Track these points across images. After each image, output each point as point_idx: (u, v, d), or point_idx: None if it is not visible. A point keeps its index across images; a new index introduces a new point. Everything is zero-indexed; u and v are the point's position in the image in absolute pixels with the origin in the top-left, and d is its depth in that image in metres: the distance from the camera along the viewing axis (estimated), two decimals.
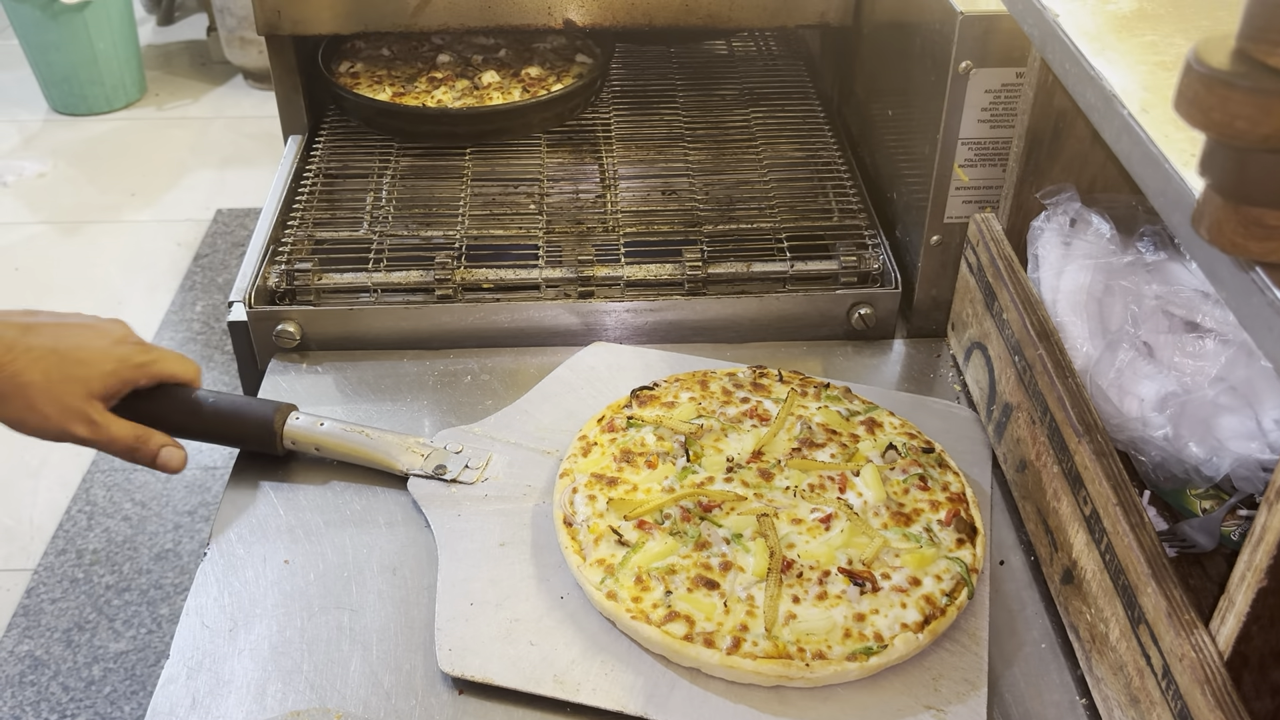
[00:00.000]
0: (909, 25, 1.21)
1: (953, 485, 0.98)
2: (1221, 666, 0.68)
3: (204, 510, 2.34)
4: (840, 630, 0.86)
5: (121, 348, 1.00)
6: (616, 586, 0.89)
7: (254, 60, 3.82)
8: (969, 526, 0.94)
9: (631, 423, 1.04)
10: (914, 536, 0.93)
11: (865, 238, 1.26)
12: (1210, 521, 0.90)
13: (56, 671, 2.02)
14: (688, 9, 1.40)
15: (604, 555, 0.92)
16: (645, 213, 1.32)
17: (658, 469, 0.99)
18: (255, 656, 0.88)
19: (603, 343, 1.19)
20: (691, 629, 0.86)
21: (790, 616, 0.87)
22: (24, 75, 3.82)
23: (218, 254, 3.13)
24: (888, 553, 0.91)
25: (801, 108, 1.52)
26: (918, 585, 0.89)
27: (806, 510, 0.95)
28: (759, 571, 0.89)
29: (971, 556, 0.92)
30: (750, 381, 1.09)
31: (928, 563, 0.91)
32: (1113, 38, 0.77)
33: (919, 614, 0.87)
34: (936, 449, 1.02)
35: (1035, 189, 1.04)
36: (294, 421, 1.03)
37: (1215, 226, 0.53)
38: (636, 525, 0.94)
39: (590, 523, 0.94)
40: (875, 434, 1.03)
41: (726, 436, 1.03)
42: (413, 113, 1.43)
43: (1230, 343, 0.90)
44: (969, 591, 0.89)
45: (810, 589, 0.89)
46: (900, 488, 0.97)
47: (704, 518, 0.94)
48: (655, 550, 0.91)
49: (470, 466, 1.03)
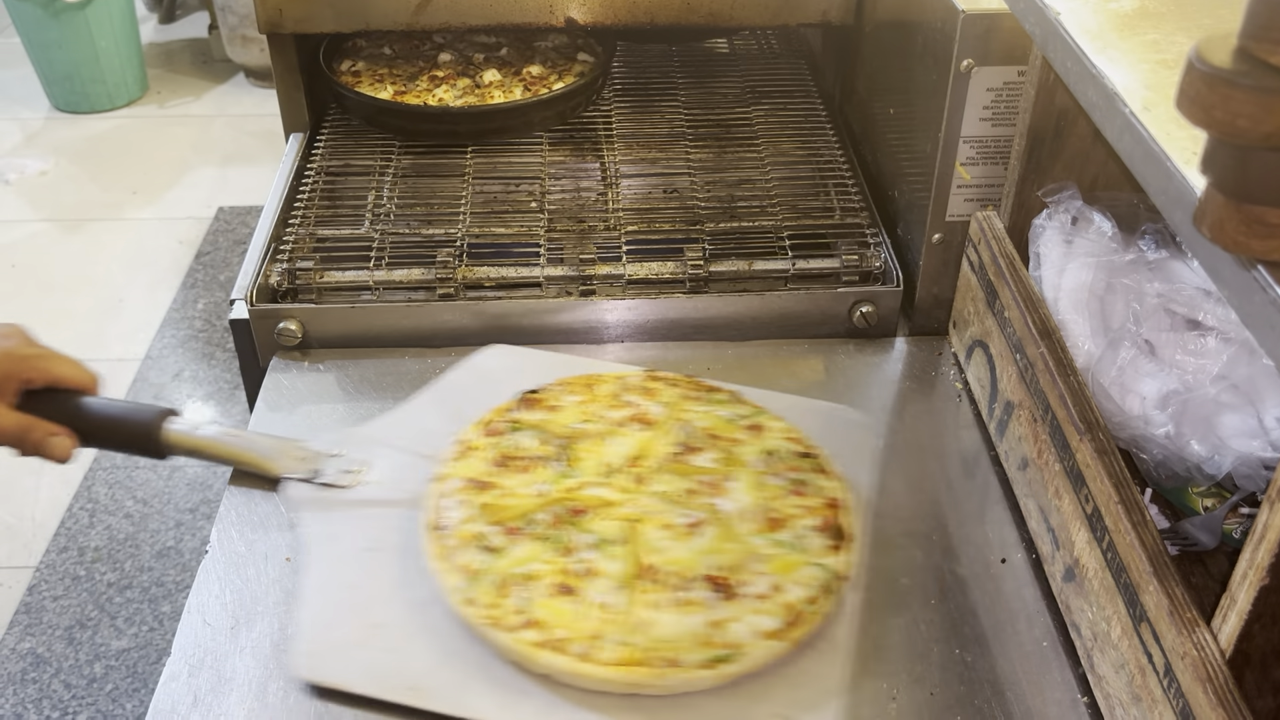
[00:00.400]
0: (910, 24, 1.21)
1: (829, 490, 0.97)
2: (1223, 665, 0.68)
3: (206, 508, 2.34)
4: (696, 637, 0.84)
5: (6, 343, 1.00)
6: (475, 593, 0.87)
7: (256, 58, 3.82)
8: (840, 532, 0.93)
9: (514, 426, 1.03)
10: (782, 543, 0.92)
11: (867, 236, 1.26)
12: (1212, 519, 0.90)
13: (58, 669, 2.02)
14: (689, 8, 1.40)
15: (468, 561, 0.90)
16: (647, 211, 1.32)
17: (533, 473, 0.98)
18: (257, 654, 0.88)
19: (501, 345, 1.17)
20: (546, 635, 0.84)
21: (647, 623, 0.85)
22: (25, 73, 3.82)
23: (219, 252, 3.13)
24: (754, 559, 0.90)
25: (803, 106, 1.52)
26: (780, 592, 0.87)
27: (677, 515, 0.94)
28: (620, 578, 0.88)
29: (841, 562, 0.90)
30: (640, 385, 1.08)
31: (792, 569, 0.89)
32: (1114, 36, 0.77)
33: (778, 621, 0.85)
34: (818, 454, 1.01)
35: (1037, 187, 1.04)
36: (172, 426, 1.01)
37: (1217, 225, 0.53)
38: (505, 531, 0.92)
39: (458, 528, 0.93)
40: (759, 437, 1.02)
41: (606, 441, 1.01)
42: (414, 111, 1.43)
43: (1232, 341, 0.90)
44: (833, 599, 0.88)
45: (670, 595, 0.87)
46: (775, 493, 0.96)
47: (572, 523, 0.93)
48: (519, 556, 0.90)
49: (348, 470, 1.01)
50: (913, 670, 0.87)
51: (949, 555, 0.97)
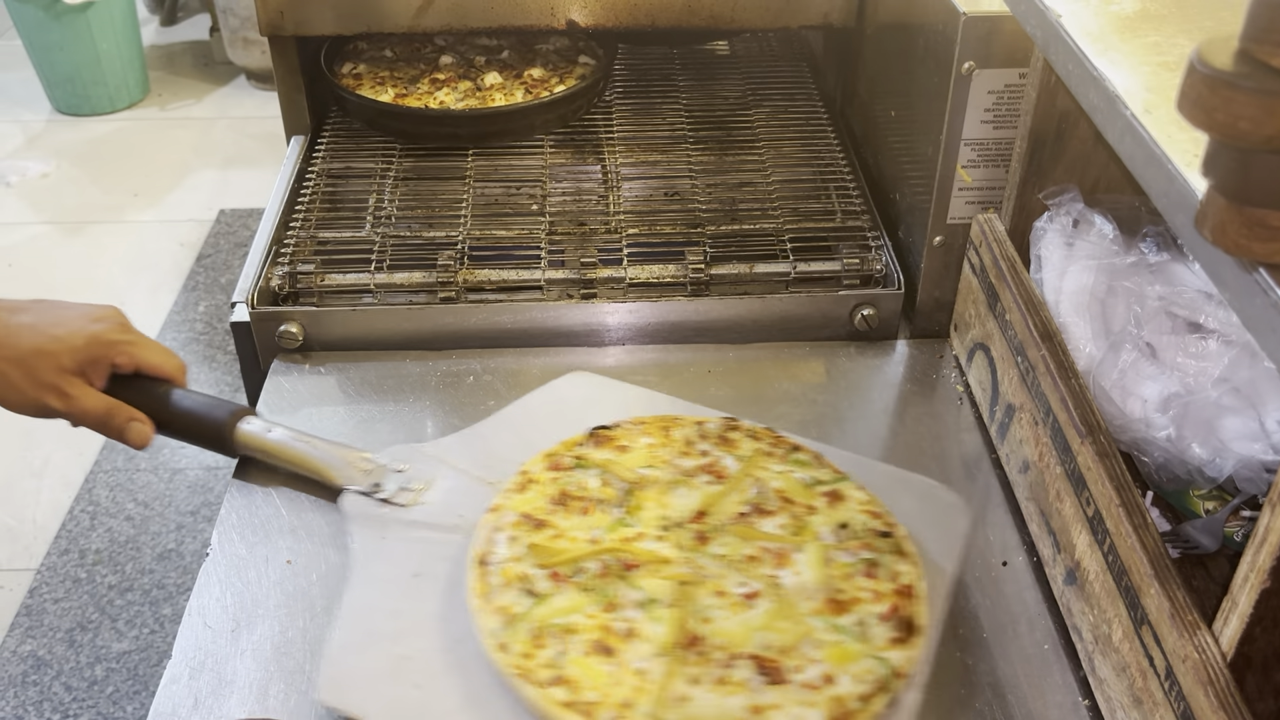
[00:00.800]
0: (912, 26, 1.21)
1: (904, 576, 0.89)
2: (1225, 668, 0.68)
3: (206, 510, 2.34)
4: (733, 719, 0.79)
5: (98, 325, 1.01)
6: (510, 638, 0.83)
7: (257, 61, 3.82)
8: (908, 624, 0.86)
9: (579, 463, 0.98)
10: (842, 629, 0.85)
11: (868, 239, 1.26)
12: (1213, 523, 0.90)
13: (59, 671, 2.02)
14: (690, 10, 1.40)
15: (508, 603, 0.86)
16: (648, 214, 1.32)
17: (591, 516, 0.93)
18: (258, 657, 0.88)
19: (582, 372, 1.14)
20: (575, 696, 0.79)
21: (682, 698, 0.80)
22: (27, 76, 3.83)
23: (220, 254, 3.13)
24: (809, 643, 0.84)
25: (804, 109, 1.52)
26: (831, 683, 0.81)
27: (734, 583, 0.88)
28: (662, 644, 0.83)
29: (902, 658, 0.83)
30: (717, 434, 1.02)
31: (849, 660, 0.83)
32: (1116, 38, 0.77)
33: (824, 716, 0.79)
34: (896, 534, 0.93)
35: (1038, 190, 1.04)
36: (245, 426, 1.02)
37: (1218, 228, 0.53)
38: (551, 576, 0.88)
39: (504, 566, 0.89)
40: (835, 507, 0.95)
41: (674, 491, 0.96)
42: (415, 114, 1.43)
43: (1233, 344, 0.90)
44: (889, 697, 0.81)
45: (712, 671, 0.81)
46: (844, 572, 0.89)
47: (622, 577, 0.88)
48: (560, 606, 0.86)
49: (407, 488, 0.99)
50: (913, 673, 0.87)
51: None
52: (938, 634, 0.89)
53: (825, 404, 1.13)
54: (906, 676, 0.83)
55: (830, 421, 1.11)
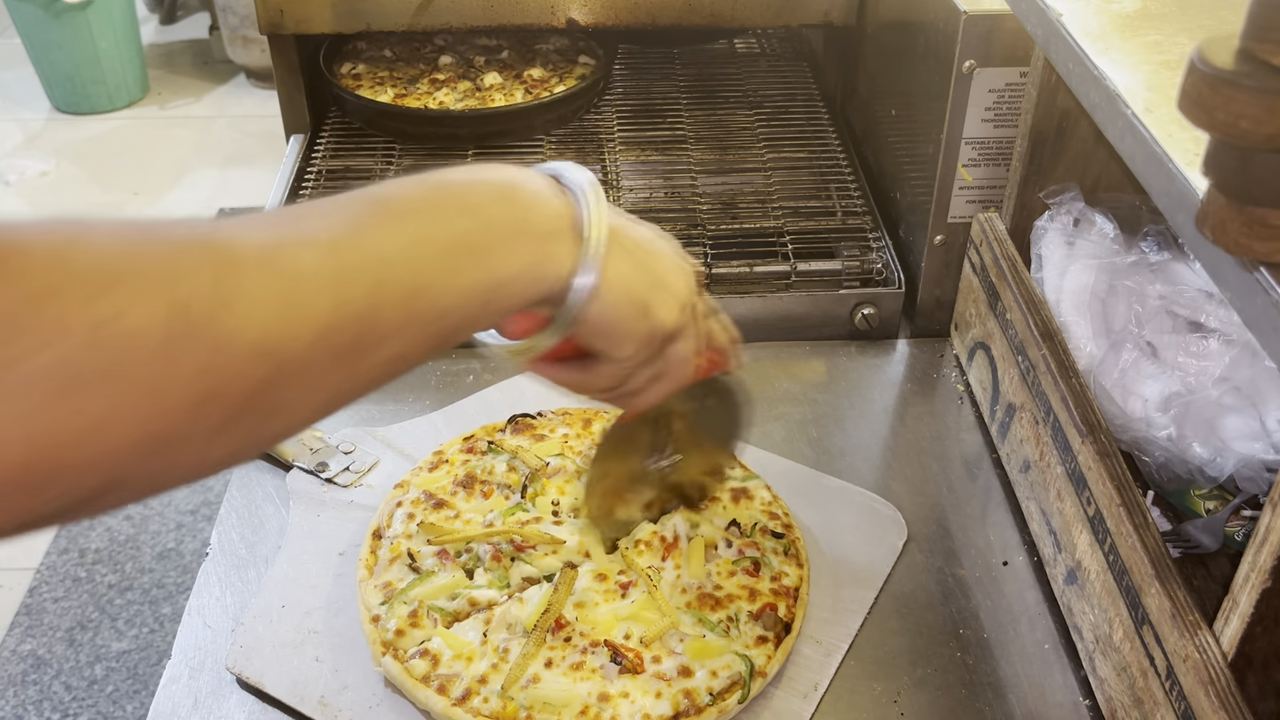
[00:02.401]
0: (912, 24, 1.20)
1: (787, 578, 0.89)
2: (1225, 667, 0.68)
3: (206, 509, 2.34)
4: (577, 705, 0.80)
5: None
6: (387, 613, 0.85)
7: (256, 59, 3.82)
8: (782, 625, 0.86)
9: (492, 448, 1.00)
10: (709, 623, 0.86)
11: (869, 238, 1.26)
12: (1214, 522, 0.90)
13: (59, 670, 2.02)
14: (690, 8, 1.40)
15: (393, 578, 0.88)
16: (648, 213, 1.32)
17: (490, 500, 0.95)
18: None
19: None
20: (433, 669, 0.81)
21: (534, 679, 0.81)
22: (26, 74, 3.82)
23: None
24: (674, 635, 0.84)
25: (805, 107, 1.52)
26: (687, 676, 0.82)
27: (614, 570, 0.89)
28: (527, 623, 0.84)
29: (765, 658, 0.83)
30: None
31: (709, 654, 0.83)
32: (1116, 37, 0.77)
33: (670, 708, 0.80)
34: (790, 535, 0.93)
35: (1039, 189, 1.04)
36: None
37: (1219, 226, 0.53)
38: (437, 554, 0.90)
39: (395, 541, 0.91)
40: (739, 503, 0.96)
41: (577, 480, 0.97)
42: (414, 114, 1.42)
43: (1234, 343, 0.90)
44: (741, 695, 0.81)
45: (570, 655, 0.83)
46: (727, 569, 0.90)
47: (516, 558, 0.90)
48: (441, 584, 0.87)
49: (351, 469, 1.02)
50: (914, 673, 0.87)
51: (951, 558, 0.97)
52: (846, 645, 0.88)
53: (825, 403, 1.13)
54: (766, 676, 0.83)
55: (830, 421, 1.11)
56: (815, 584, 0.92)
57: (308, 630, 0.88)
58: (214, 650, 0.88)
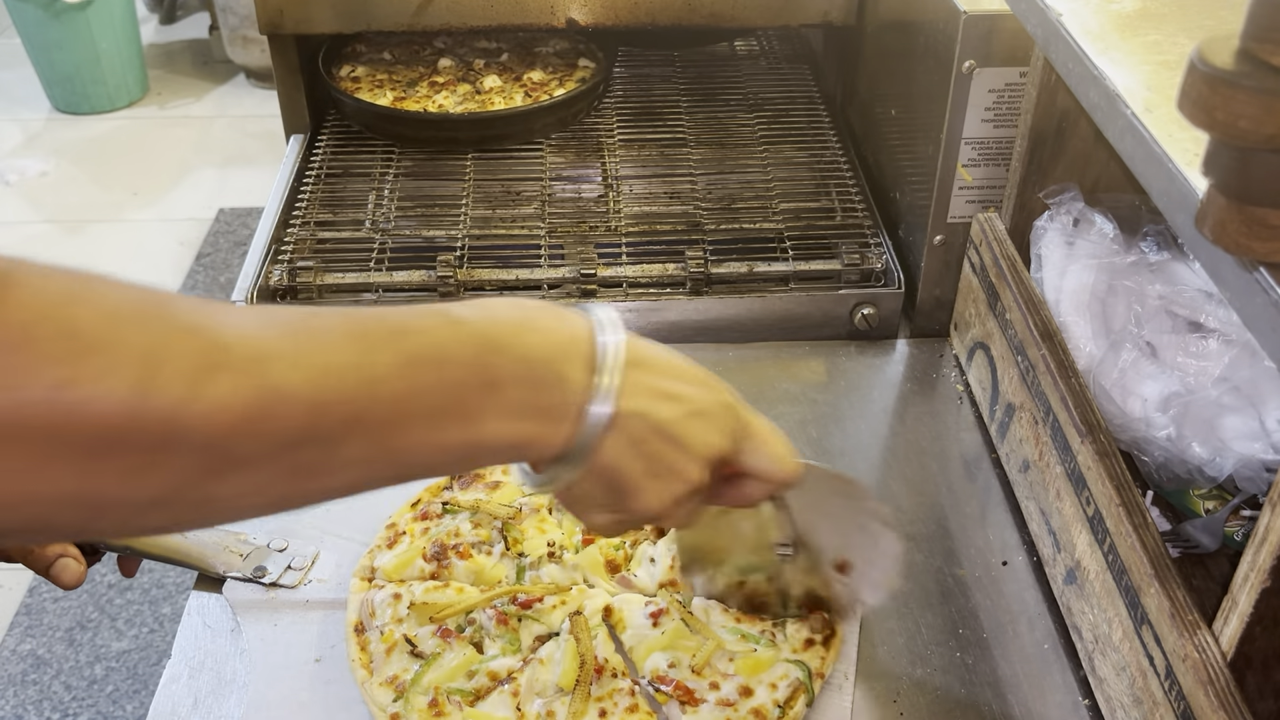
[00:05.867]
0: (912, 24, 1.20)
1: None
2: (1225, 667, 0.68)
3: None
4: None
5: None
6: (405, 709, 0.79)
7: (256, 59, 3.82)
8: (829, 625, 0.84)
9: (447, 509, 0.93)
10: (752, 637, 0.83)
11: (868, 237, 1.26)
12: (1213, 522, 0.90)
13: (59, 670, 2.02)
14: (690, 8, 1.40)
15: (397, 671, 0.81)
16: (648, 213, 1.32)
17: (472, 561, 0.89)
18: None
19: None
20: None
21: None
22: (26, 74, 3.82)
23: (220, 253, 3.13)
24: (721, 657, 0.81)
25: (805, 108, 1.52)
26: (749, 696, 0.79)
27: (639, 604, 0.84)
28: (564, 682, 0.79)
29: (818, 660, 0.82)
30: None
31: (763, 668, 0.80)
32: (1116, 37, 0.77)
33: None
34: None
35: (1038, 189, 1.04)
36: None
37: (1219, 226, 0.53)
38: (438, 633, 0.83)
39: (385, 629, 0.84)
40: None
41: (551, 516, 0.92)
42: (414, 118, 1.42)
43: (1234, 343, 0.90)
44: (807, 699, 0.80)
45: (621, 700, 0.78)
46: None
47: (523, 617, 0.84)
48: (451, 664, 0.81)
49: (293, 567, 0.93)
50: (914, 673, 0.87)
51: (950, 558, 0.97)
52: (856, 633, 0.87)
53: (825, 403, 1.13)
54: (823, 677, 0.82)
55: (830, 421, 1.11)
56: None
57: None
58: (214, 650, 0.88)
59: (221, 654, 0.88)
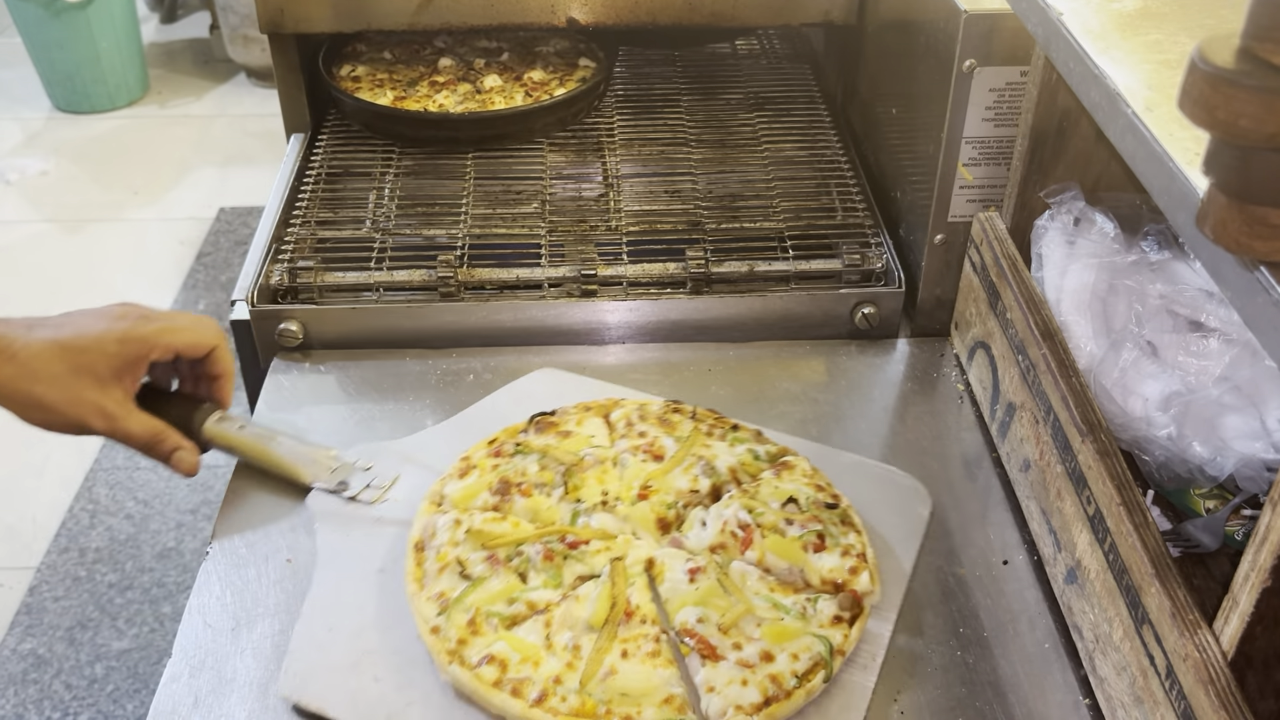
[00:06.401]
0: (913, 24, 1.20)
1: (855, 547, 0.91)
2: (1225, 667, 0.68)
3: (206, 509, 2.34)
4: (660, 693, 0.79)
5: (121, 324, 0.95)
6: (446, 623, 0.84)
7: (257, 58, 3.82)
8: (857, 604, 0.87)
9: (519, 449, 0.99)
10: (783, 607, 0.86)
11: (869, 237, 1.26)
12: (1214, 521, 0.90)
13: (59, 670, 2.02)
14: (691, 7, 1.40)
15: (444, 588, 0.87)
16: (648, 212, 1.32)
17: (532, 500, 0.94)
18: (258, 655, 0.88)
19: (549, 369, 1.15)
20: (503, 674, 0.81)
21: (611, 671, 0.81)
22: (26, 73, 3.82)
23: (220, 252, 3.13)
24: (750, 622, 0.84)
25: (805, 107, 1.52)
26: (769, 661, 0.82)
27: (680, 558, 0.89)
28: (594, 620, 0.84)
29: (842, 636, 0.84)
30: (658, 415, 1.03)
31: (788, 638, 0.83)
32: (1117, 36, 0.77)
33: (759, 695, 0.79)
34: (842, 504, 0.95)
35: (1039, 188, 1.04)
36: (213, 422, 1.01)
37: (1219, 226, 0.53)
38: (488, 559, 0.89)
39: (441, 550, 0.89)
40: (781, 476, 0.97)
41: (612, 471, 0.97)
42: (414, 117, 1.42)
43: (1234, 342, 0.90)
44: (825, 674, 0.82)
45: (645, 644, 0.83)
46: (798, 545, 0.90)
47: (567, 556, 0.89)
48: (494, 589, 0.86)
49: (373, 485, 1.00)
50: (914, 671, 0.87)
51: (950, 557, 0.97)
52: (894, 615, 0.90)
53: (826, 403, 1.13)
54: (844, 655, 0.84)
55: (830, 420, 1.11)
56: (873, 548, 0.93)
57: (361, 650, 0.86)
58: (214, 649, 0.88)
59: (222, 653, 0.88)
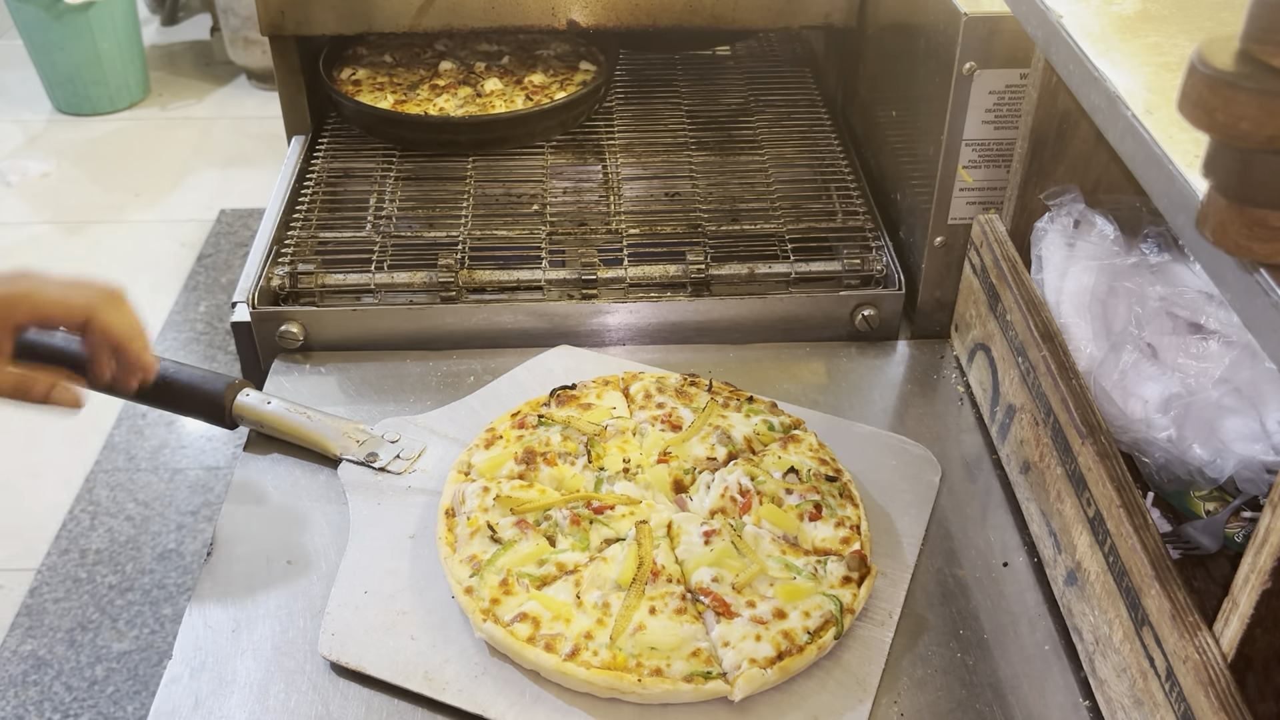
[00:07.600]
0: (913, 26, 1.21)
1: (850, 519, 0.95)
2: (1225, 669, 0.68)
3: (207, 510, 2.34)
4: (687, 646, 0.84)
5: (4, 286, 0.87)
6: (479, 584, 0.88)
7: (257, 60, 3.82)
8: (866, 566, 0.91)
9: (542, 420, 1.03)
10: (794, 568, 0.90)
11: (869, 239, 1.26)
12: (1214, 523, 0.90)
13: (59, 671, 2.02)
14: (691, 9, 1.40)
15: (476, 551, 0.91)
16: (649, 214, 1.32)
17: (557, 468, 0.98)
18: (258, 656, 0.88)
19: (567, 346, 1.18)
20: (535, 631, 0.84)
21: (640, 627, 0.85)
22: (28, 75, 3.83)
23: (221, 254, 3.13)
24: (763, 580, 0.89)
25: (806, 110, 1.52)
26: (782, 618, 0.86)
27: (696, 522, 0.94)
28: (622, 579, 0.88)
29: (851, 596, 0.88)
30: (675, 388, 1.07)
31: (800, 596, 0.87)
32: (1116, 39, 0.77)
33: (772, 649, 0.83)
34: (843, 478, 0.99)
35: (1039, 190, 1.04)
36: (243, 398, 1.05)
37: (1219, 228, 0.53)
38: (517, 524, 0.93)
39: (472, 516, 0.93)
40: (787, 448, 1.01)
41: (633, 439, 1.01)
42: (414, 121, 1.42)
43: (1234, 344, 0.90)
44: (836, 631, 0.86)
45: (671, 601, 0.87)
46: (794, 513, 0.95)
47: (593, 519, 0.94)
48: (525, 551, 0.90)
49: (402, 457, 1.04)
50: (914, 673, 0.87)
51: (951, 559, 0.97)
52: (908, 575, 0.94)
53: (826, 404, 1.13)
54: (854, 613, 0.88)
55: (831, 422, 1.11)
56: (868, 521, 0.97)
57: (396, 612, 0.89)
58: (215, 650, 0.88)
59: (222, 654, 0.88)
